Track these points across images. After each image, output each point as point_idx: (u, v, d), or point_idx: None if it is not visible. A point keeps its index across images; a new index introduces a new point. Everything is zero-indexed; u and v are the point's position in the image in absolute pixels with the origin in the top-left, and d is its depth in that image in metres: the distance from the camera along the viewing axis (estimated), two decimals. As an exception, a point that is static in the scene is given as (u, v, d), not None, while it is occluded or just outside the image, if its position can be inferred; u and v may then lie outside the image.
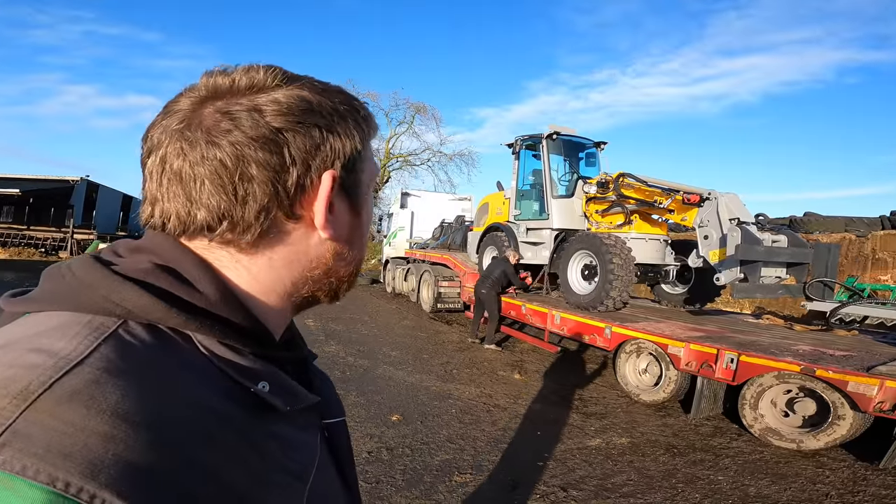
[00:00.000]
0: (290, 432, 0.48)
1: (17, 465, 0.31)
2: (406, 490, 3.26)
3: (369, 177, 0.55)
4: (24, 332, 0.39)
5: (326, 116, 0.49)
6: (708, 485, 3.52)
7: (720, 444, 4.28)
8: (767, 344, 4.74)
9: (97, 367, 0.36)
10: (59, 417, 0.33)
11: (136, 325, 0.41)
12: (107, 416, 0.34)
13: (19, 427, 0.32)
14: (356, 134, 0.51)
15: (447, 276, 10.45)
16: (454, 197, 15.96)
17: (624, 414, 5.00)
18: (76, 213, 20.63)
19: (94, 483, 0.32)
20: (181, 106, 0.46)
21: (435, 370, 6.28)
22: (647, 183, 6.43)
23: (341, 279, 0.55)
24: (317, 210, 0.48)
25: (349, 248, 0.54)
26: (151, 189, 0.47)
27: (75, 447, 0.32)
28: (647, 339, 5.33)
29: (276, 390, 0.46)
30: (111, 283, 0.42)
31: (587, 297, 6.65)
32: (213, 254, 0.48)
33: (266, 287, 0.50)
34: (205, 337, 0.44)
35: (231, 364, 0.44)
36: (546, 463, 3.79)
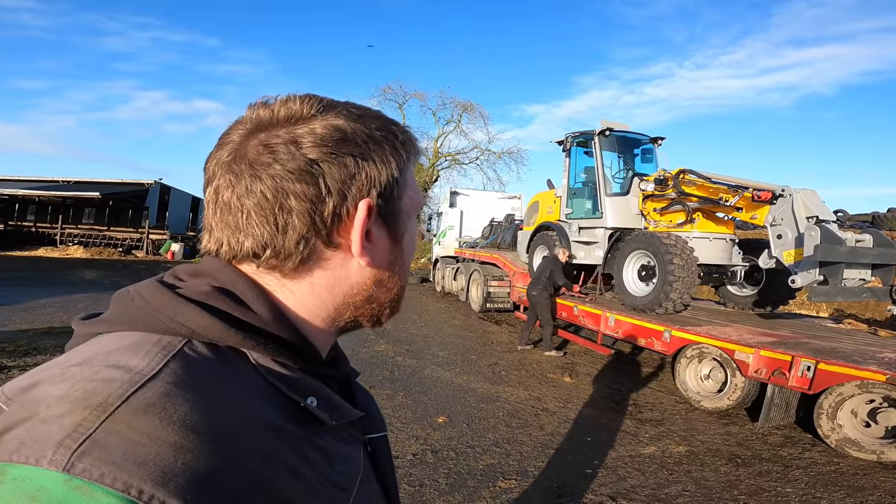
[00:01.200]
0: (335, 445, 0.50)
1: (96, 472, 0.33)
2: (449, 494, 3.20)
3: (410, 204, 0.55)
4: (99, 350, 0.42)
5: (361, 144, 0.49)
6: (774, 497, 3.24)
7: (790, 455, 3.94)
8: (849, 351, 4.32)
9: (168, 382, 0.38)
10: (135, 428, 0.35)
11: (199, 343, 0.44)
12: (177, 427, 0.36)
13: (99, 437, 0.34)
14: (393, 160, 0.51)
15: (497, 275, 10.33)
16: (503, 195, 15.78)
17: (682, 421, 4.70)
18: (151, 215, 22.15)
19: (164, 490, 0.34)
20: (231, 138, 0.49)
21: (483, 371, 6.18)
22: (712, 179, 6.02)
23: (383, 305, 0.56)
24: (353, 238, 0.50)
25: (390, 274, 0.54)
26: (207, 218, 0.51)
27: (149, 456, 0.34)
28: (711, 343, 4.98)
29: (323, 405, 0.49)
30: (176, 306, 0.45)
31: (644, 298, 6.33)
32: (262, 278, 0.50)
33: (310, 310, 0.52)
34: (259, 354, 0.46)
35: (282, 379, 0.47)
36: (595, 470, 3.60)
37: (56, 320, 7.61)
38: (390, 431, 4.11)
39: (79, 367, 0.39)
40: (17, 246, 21.57)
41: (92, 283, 12.64)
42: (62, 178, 21.67)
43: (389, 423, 4.28)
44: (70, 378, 0.38)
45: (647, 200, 7.06)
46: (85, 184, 20.95)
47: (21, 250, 20.73)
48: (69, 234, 23.25)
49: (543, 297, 7.27)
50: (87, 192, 19.29)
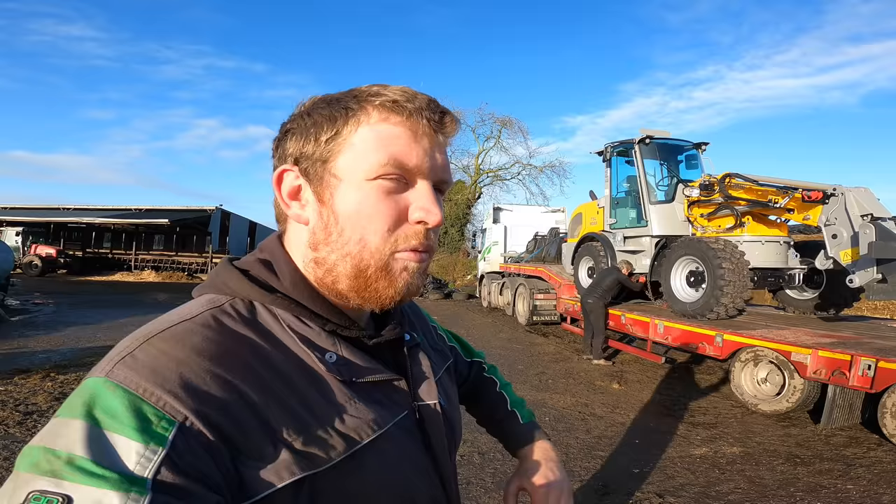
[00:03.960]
0: (349, 399, 0.55)
1: (121, 375, 0.46)
2: (494, 491, 3.30)
3: (351, 164, 0.56)
4: (180, 306, 0.56)
5: (298, 119, 0.59)
6: (833, 493, 3.14)
7: (854, 454, 3.79)
8: (913, 350, 4.09)
9: (197, 322, 0.52)
10: (158, 348, 0.48)
11: (241, 302, 0.56)
12: (187, 349, 0.48)
13: (135, 353, 0.48)
14: (323, 124, 0.57)
15: (542, 288, 10.34)
16: (547, 209, 15.77)
17: (737, 424, 4.58)
18: (213, 239, 23.59)
19: (160, 389, 0.45)
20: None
21: (530, 380, 6.23)
22: (759, 182, 5.90)
23: (336, 274, 0.58)
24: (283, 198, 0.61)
25: (326, 236, 0.57)
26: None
27: (158, 366, 0.46)
28: (766, 346, 4.84)
29: (341, 361, 0.56)
30: (228, 272, 0.59)
31: (694, 304, 6.21)
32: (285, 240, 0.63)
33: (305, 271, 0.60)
34: (283, 312, 0.57)
35: (302, 336, 0.56)
36: (643, 470, 3.60)
37: None
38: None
39: (164, 316, 0.54)
40: (96, 271, 23.54)
41: (165, 304, 13.57)
42: (134, 207, 23.48)
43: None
44: (153, 322, 0.52)
45: (692, 206, 6.97)
46: (154, 211, 22.64)
47: (99, 275, 22.59)
48: (142, 260, 25.09)
49: (599, 305, 7.25)
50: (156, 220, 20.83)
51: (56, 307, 11.82)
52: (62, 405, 0.45)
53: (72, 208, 23.98)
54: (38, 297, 13.46)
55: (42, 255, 21.46)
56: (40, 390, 4.97)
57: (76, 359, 6.51)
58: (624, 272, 7.37)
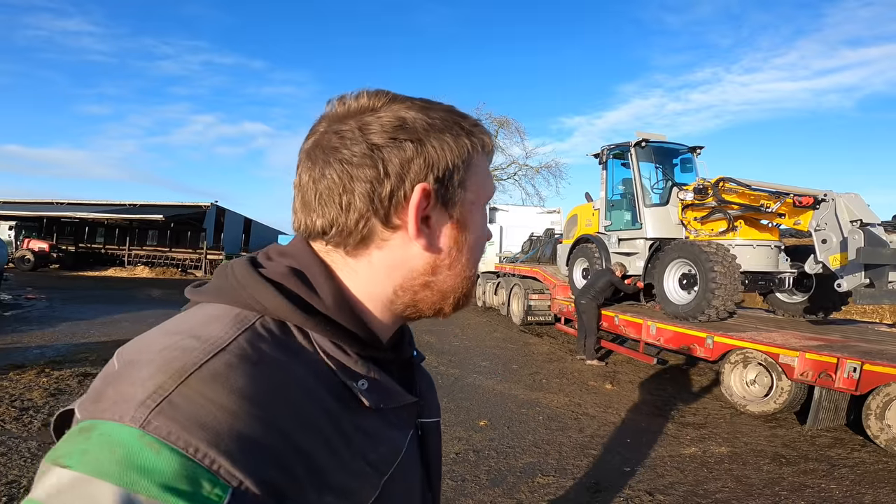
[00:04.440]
0: (378, 427, 0.53)
1: (165, 430, 0.38)
2: (489, 488, 3.37)
3: (477, 193, 0.56)
4: (190, 320, 0.48)
5: (421, 132, 0.52)
6: (817, 493, 3.24)
7: (838, 455, 3.90)
8: (897, 353, 4.20)
9: (235, 354, 0.44)
10: (202, 394, 0.40)
11: (270, 320, 0.49)
12: (235, 395, 0.41)
13: (173, 399, 0.39)
14: (455, 148, 0.53)
15: (537, 289, 10.41)
16: (542, 210, 15.89)
17: (726, 424, 4.68)
18: (208, 236, 23.49)
19: (215, 450, 0.38)
20: (316, 129, 0.55)
21: (524, 380, 6.30)
22: (752, 186, 6.00)
23: (445, 294, 0.57)
24: (409, 220, 0.52)
25: (450, 262, 0.55)
26: (294, 201, 0.56)
27: (208, 419, 0.39)
28: (755, 348, 4.95)
29: (372, 389, 0.52)
30: (256, 284, 0.50)
31: (686, 306, 6.31)
32: (330, 256, 0.55)
33: (370, 292, 0.55)
34: (319, 336, 0.50)
35: (337, 362, 0.50)
36: (634, 469, 3.68)
37: (131, 334, 8.06)
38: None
39: (171, 335, 0.45)
40: (89, 266, 23.42)
41: (159, 300, 13.53)
42: (128, 202, 23.38)
43: (433, 424, 4.50)
44: (161, 345, 0.44)
45: (686, 210, 7.06)
46: (149, 207, 22.55)
47: (92, 270, 22.48)
48: (135, 256, 24.98)
49: (592, 306, 7.34)
50: (151, 215, 20.78)
51: (49, 302, 11.78)
52: (71, 451, 0.38)
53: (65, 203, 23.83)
54: (31, 292, 13.39)
55: (35, 249, 21.32)
56: (35, 386, 4.98)
57: (70, 355, 6.52)
58: (617, 274, 7.47)
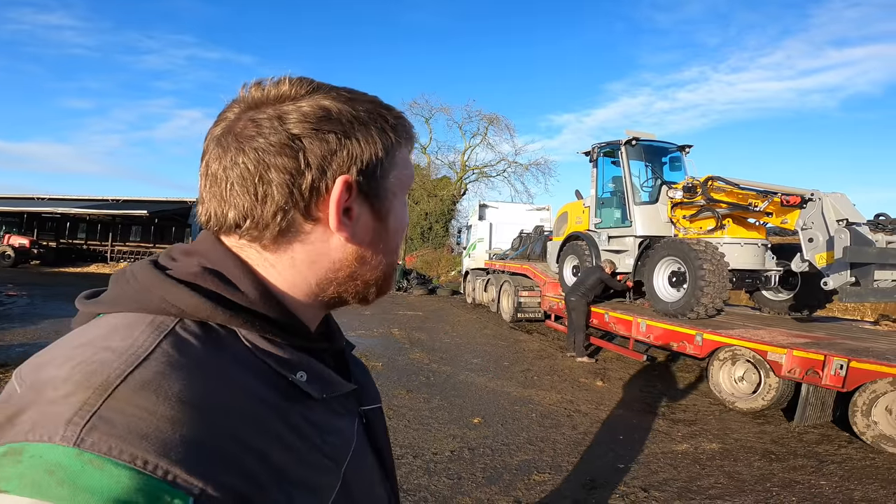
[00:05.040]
0: (326, 418, 0.52)
1: (104, 446, 0.35)
2: (486, 486, 3.38)
3: (398, 184, 0.56)
4: (98, 331, 0.44)
5: (345, 123, 0.51)
6: (807, 489, 3.31)
7: (826, 451, 3.99)
8: (883, 350, 4.35)
9: (161, 361, 0.41)
10: (135, 404, 0.38)
11: (191, 322, 0.46)
12: (173, 402, 0.39)
13: (103, 413, 0.37)
14: (378, 140, 0.53)
15: (527, 286, 10.47)
16: (532, 207, 15.93)
17: (716, 421, 4.76)
18: (193, 232, 23.17)
19: (165, 460, 0.36)
20: (226, 115, 0.52)
21: (516, 377, 6.33)
22: (740, 185, 6.09)
23: (368, 283, 0.57)
24: (331, 213, 0.50)
25: (373, 252, 0.55)
26: (200, 190, 0.52)
27: (149, 429, 0.37)
28: (744, 345, 5.03)
29: (312, 379, 0.50)
30: (167, 287, 0.46)
31: (675, 304, 6.39)
32: (244, 252, 0.52)
33: (293, 285, 0.53)
34: (248, 332, 0.48)
35: (271, 356, 0.48)
36: (628, 465, 3.72)
37: None
38: (428, 430, 4.34)
39: (80, 348, 0.42)
40: (71, 263, 22.95)
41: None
42: (111, 197, 22.95)
43: (427, 424, 4.50)
44: (72, 360, 0.41)
45: (676, 208, 7.15)
46: (133, 202, 22.17)
47: (74, 267, 22.03)
48: (118, 252, 24.57)
49: (581, 303, 7.39)
50: (135, 211, 20.43)
51: (31, 299, 11.50)
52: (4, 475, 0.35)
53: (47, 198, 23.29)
54: (12, 289, 13.06)
55: (15, 245, 20.78)
56: (19, 386, 4.87)
57: (54, 353, 6.39)
58: (607, 271, 7.53)
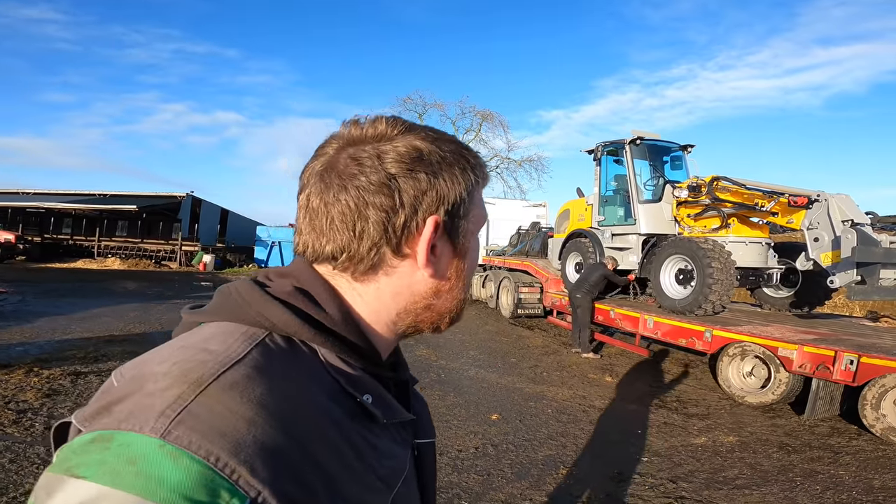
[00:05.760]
0: (384, 442, 0.54)
1: (186, 440, 0.38)
2: (516, 482, 3.44)
3: (475, 223, 0.59)
4: (198, 337, 0.48)
5: (434, 164, 0.54)
6: (829, 478, 3.45)
7: (838, 443, 4.15)
8: (890, 345, 4.53)
9: (250, 366, 0.44)
10: (222, 402, 0.40)
11: (278, 336, 0.50)
12: (254, 404, 0.41)
13: (193, 408, 0.39)
14: (462, 181, 0.56)
15: (527, 282, 10.55)
16: (528, 204, 16.05)
17: (728, 415, 4.90)
18: (183, 227, 22.86)
19: (235, 459, 0.38)
20: (326, 151, 0.55)
21: (525, 373, 6.42)
22: (747, 186, 6.23)
23: (442, 314, 0.60)
24: (419, 250, 0.54)
25: (450, 286, 0.58)
26: (298, 221, 0.57)
27: (228, 428, 0.39)
28: (755, 342, 5.17)
29: (377, 403, 0.53)
30: (264, 302, 0.51)
31: (683, 301, 6.52)
32: (335, 280, 0.56)
33: (375, 313, 0.56)
34: (327, 350, 0.51)
35: (343, 375, 0.51)
36: (651, 458, 3.82)
37: (115, 328, 8.02)
38: (449, 428, 4.38)
39: (181, 349, 0.46)
40: (57, 258, 22.44)
41: (136, 293, 13.14)
42: (99, 192, 22.53)
43: (446, 421, 4.55)
44: (172, 359, 0.44)
45: (680, 207, 7.28)
46: (121, 197, 21.80)
47: (61, 262, 21.55)
48: (105, 247, 24.09)
49: (587, 300, 7.49)
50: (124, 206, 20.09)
51: (21, 296, 11.25)
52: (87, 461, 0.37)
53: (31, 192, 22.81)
54: (1, 286, 12.78)
55: (1, 240, 20.32)
56: (28, 386, 4.80)
57: (56, 352, 6.28)
58: (609, 268, 7.64)
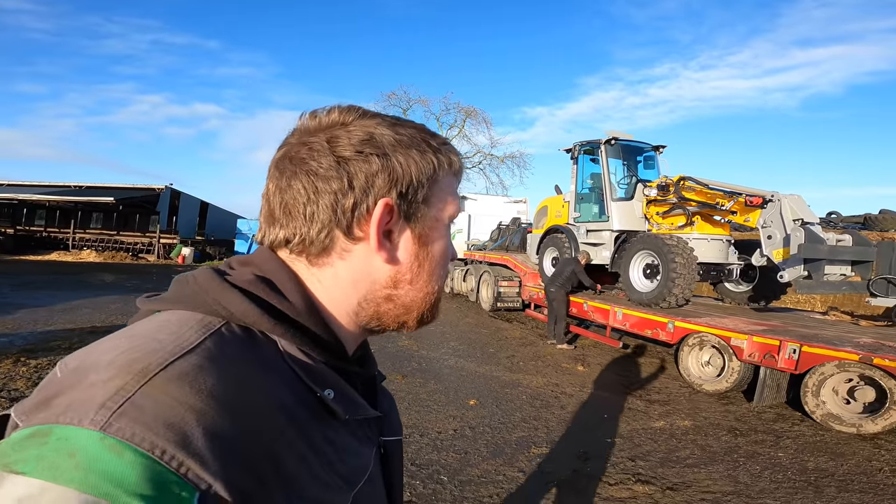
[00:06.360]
0: (347, 439, 0.53)
1: (128, 432, 0.36)
2: (491, 459, 3.76)
3: (441, 211, 0.57)
4: (150, 325, 0.47)
5: (388, 147, 0.53)
6: (768, 460, 3.83)
7: (782, 428, 4.53)
8: (830, 336, 4.93)
9: (202, 356, 0.42)
10: (168, 393, 0.38)
11: (236, 326, 0.48)
12: (203, 395, 0.39)
13: (136, 399, 0.37)
14: (420, 164, 0.54)
15: (506, 276, 10.88)
16: (509, 199, 16.39)
17: (686, 401, 5.30)
18: (161, 219, 22.64)
19: (183, 451, 0.37)
20: (287, 141, 0.56)
21: (502, 362, 6.75)
22: (709, 186, 6.63)
23: (408, 308, 0.57)
24: (371, 233, 0.53)
25: (412, 276, 0.56)
26: (261, 210, 0.56)
27: (175, 419, 0.37)
28: (710, 332, 5.58)
29: (340, 398, 0.52)
30: (222, 290, 0.49)
31: (649, 294, 6.92)
32: (295, 264, 0.55)
33: (334, 300, 0.55)
34: (287, 342, 0.50)
35: (304, 368, 0.50)
36: (614, 440, 4.19)
37: (96, 320, 8.11)
38: (429, 412, 4.69)
39: (129, 338, 0.44)
40: (31, 250, 21.99)
41: (114, 285, 13.08)
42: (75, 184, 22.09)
43: (427, 406, 4.85)
44: (119, 348, 0.42)
45: (650, 205, 7.67)
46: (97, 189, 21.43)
47: (35, 254, 21.13)
48: (81, 239, 23.66)
49: (561, 293, 7.85)
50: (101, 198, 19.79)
51: (-2, 288, 11.17)
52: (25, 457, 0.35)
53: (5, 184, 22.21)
54: (-25, 278, 12.59)
55: (-30, 231, 19.81)
56: (17, 376, 4.93)
57: (41, 343, 6.38)
58: (581, 262, 8.02)
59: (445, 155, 0.58)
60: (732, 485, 3.41)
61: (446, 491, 3.27)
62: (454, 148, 0.60)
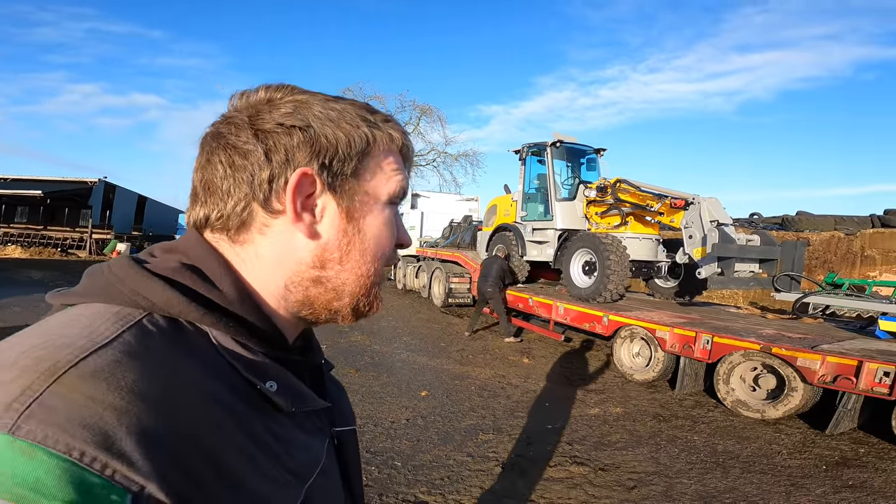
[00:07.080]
0: (293, 432, 0.51)
1: (40, 434, 0.33)
2: (442, 446, 4.06)
3: (377, 186, 0.55)
4: (59, 320, 0.43)
5: (313, 119, 0.51)
6: (685, 443, 4.33)
7: (698, 414, 5.08)
8: (739, 328, 5.54)
9: (119, 350, 0.39)
10: (81, 392, 0.36)
11: (160, 317, 0.45)
12: (123, 392, 0.37)
13: (45, 399, 0.35)
14: (348, 135, 0.52)
15: (457, 272, 11.20)
16: (461, 198, 16.75)
17: (619, 390, 5.82)
18: (94, 214, 21.34)
19: (105, 453, 0.34)
20: (215, 121, 0.54)
21: (452, 356, 7.08)
22: (641, 188, 7.22)
23: (340, 293, 0.54)
24: (287, 203, 0.50)
25: (343, 256, 0.53)
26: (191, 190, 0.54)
27: (92, 419, 0.35)
28: (639, 324, 6.13)
29: (282, 390, 0.49)
30: (140, 279, 0.45)
31: (587, 289, 7.45)
32: (220, 245, 0.52)
33: (260, 281, 0.52)
34: (219, 333, 0.47)
35: (241, 360, 0.47)
36: (554, 426, 4.60)
37: (29, 318, 7.59)
38: (383, 403, 4.94)
39: (37, 335, 0.40)
40: (-56, 246, 20.24)
41: (43, 282, 12.41)
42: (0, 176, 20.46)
43: (381, 398, 5.10)
44: (25, 345, 0.39)
45: (590, 205, 8.22)
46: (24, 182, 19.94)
47: (-51, 250, 19.48)
48: (5, 234, 21.96)
49: (495, 291, 8.29)
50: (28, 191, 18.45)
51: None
52: None
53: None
54: None
55: None
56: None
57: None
58: (502, 256, 8.59)
59: (384, 130, 0.56)
60: (655, 466, 3.85)
61: (400, 475, 3.54)
62: (398, 125, 0.58)
